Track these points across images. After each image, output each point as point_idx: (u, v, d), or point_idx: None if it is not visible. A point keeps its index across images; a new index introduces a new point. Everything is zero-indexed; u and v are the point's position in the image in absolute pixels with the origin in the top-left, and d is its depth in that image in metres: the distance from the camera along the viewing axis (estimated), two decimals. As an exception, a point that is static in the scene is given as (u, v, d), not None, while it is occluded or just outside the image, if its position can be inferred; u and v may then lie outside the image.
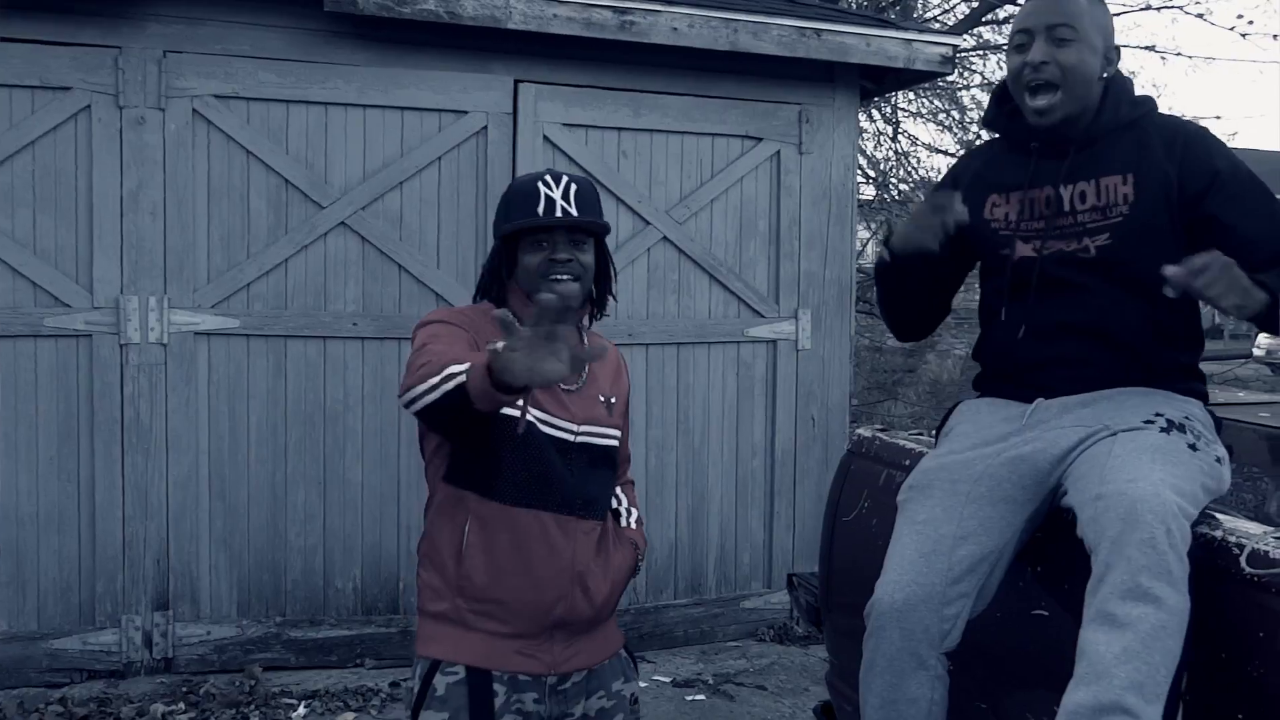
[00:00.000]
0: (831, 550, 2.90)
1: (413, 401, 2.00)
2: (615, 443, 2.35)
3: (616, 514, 2.44)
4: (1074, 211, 2.24)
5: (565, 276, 2.20)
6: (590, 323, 2.39)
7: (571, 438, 2.24)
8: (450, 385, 1.92)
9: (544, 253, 2.20)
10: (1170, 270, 1.89)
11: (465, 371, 1.89)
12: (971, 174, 2.43)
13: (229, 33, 4.43)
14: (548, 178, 2.25)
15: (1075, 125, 2.26)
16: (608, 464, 2.34)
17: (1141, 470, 1.91)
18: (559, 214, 2.19)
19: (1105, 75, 2.27)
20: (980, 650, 2.16)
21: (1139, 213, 2.19)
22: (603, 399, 2.34)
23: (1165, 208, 2.18)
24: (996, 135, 2.48)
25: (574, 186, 2.25)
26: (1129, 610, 1.77)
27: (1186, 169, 2.17)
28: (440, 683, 2.15)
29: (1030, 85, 2.23)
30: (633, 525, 2.45)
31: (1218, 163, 2.18)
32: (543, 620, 2.18)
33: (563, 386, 2.23)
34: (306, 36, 4.52)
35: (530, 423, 2.15)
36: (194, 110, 4.40)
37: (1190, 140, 2.22)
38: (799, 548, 5.29)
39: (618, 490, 2.47)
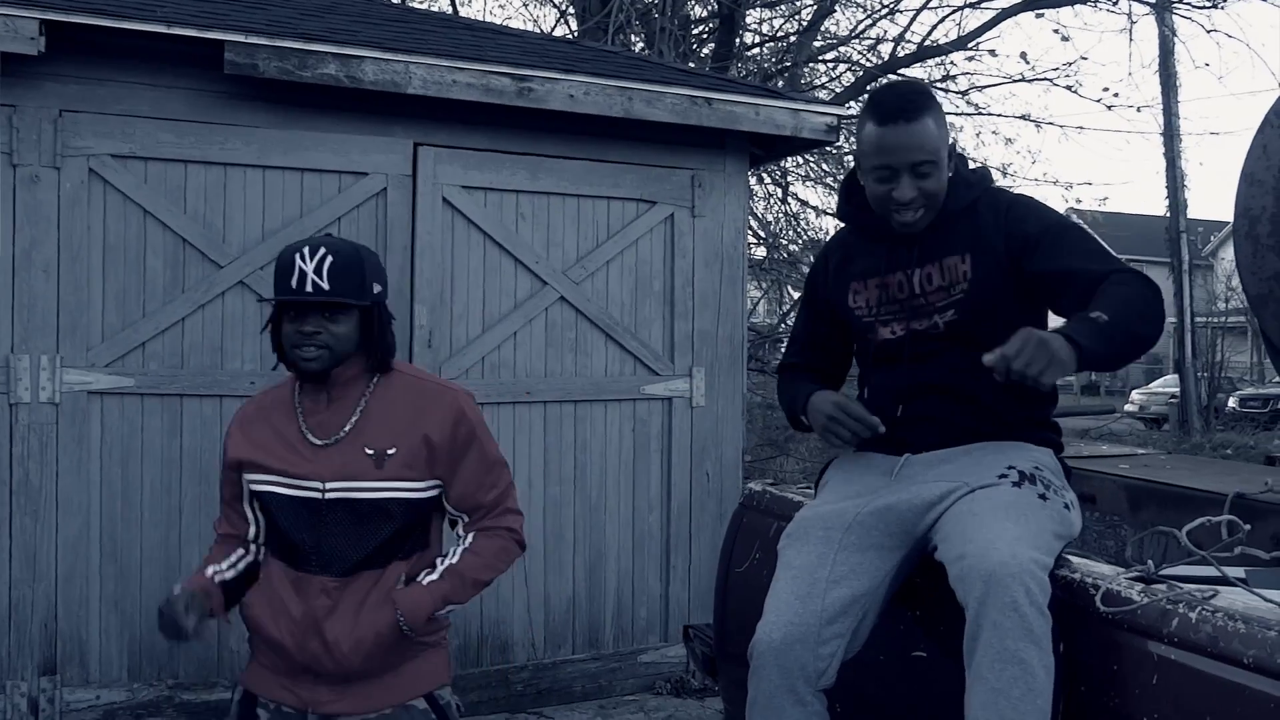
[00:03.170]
0: (725, 601, 3.01)
1: None
2: (391, 495, 2.33)
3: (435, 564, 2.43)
4: (924, 293, 2.42)
5: (312, 347, 2.30)
6: (377, 378, 2.41)
7: (319, 495, 2.33)
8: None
9: (295, 324, 2.30)
10: (989, 359, 2.02)
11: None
12: (834, 265, 2.60)
13: (128, 93, 4.44)
14: (305, 250, 2.29)
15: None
16: (382, 518, 2.33)
17: (998, 529, 2.08)
18: (308, 288, 2.26)
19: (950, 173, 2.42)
20: (865, 692, 2.28)
21: (977, 287, 2.37)
22: (371, 451, 2.33)
23: (1000, 277, 2.37)
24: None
25: (329, 259, 2.27)
26: (1000, 674, 1.95)
27: (1010, 236, 2.36)
28: (232, 701, 2.51)
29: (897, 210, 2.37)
30: (424, 581, 2.37)
31: (1033, 224, 2.36)
32: (291, 661, 2.35)
33: (314, 439, 2.37)
34: (207, 98, 4.55)
35: (270, 493, 2.40)
36: (90, 169, 4.39)
37: (1010, 209, 2.41)
38: (695, 601, 5.38)
39: (459, 533, 2.46)
